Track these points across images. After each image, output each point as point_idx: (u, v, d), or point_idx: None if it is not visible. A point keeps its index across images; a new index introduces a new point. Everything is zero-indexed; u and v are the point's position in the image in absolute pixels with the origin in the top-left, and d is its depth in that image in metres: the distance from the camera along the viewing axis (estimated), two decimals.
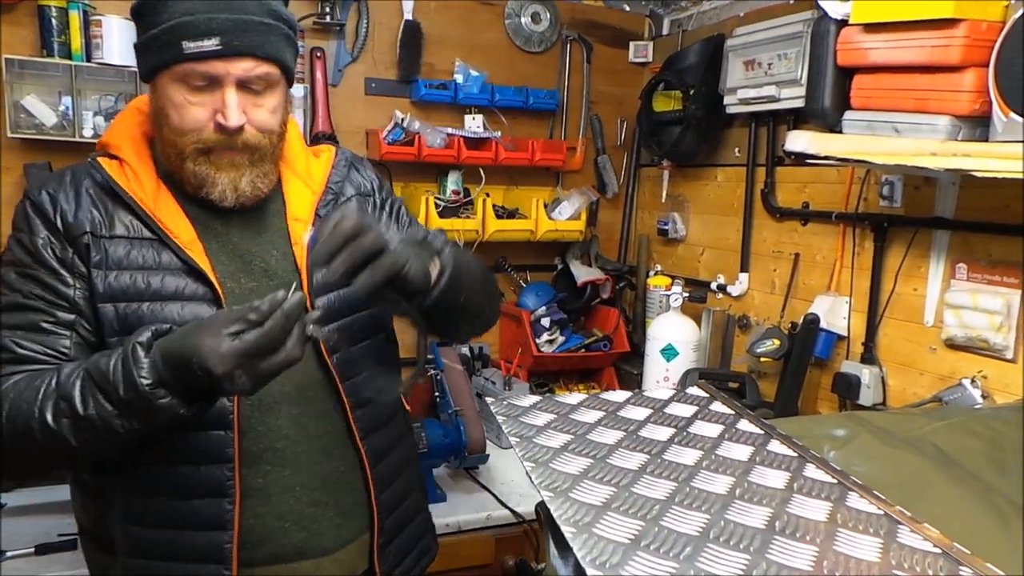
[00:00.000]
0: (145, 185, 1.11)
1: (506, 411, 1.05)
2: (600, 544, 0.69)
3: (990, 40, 1.40)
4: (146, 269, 1.09)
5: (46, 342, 1.05)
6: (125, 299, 1.08)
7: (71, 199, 1.09)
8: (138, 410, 0.94)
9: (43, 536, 1.68)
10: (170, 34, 1.02)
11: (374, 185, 1.35)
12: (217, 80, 1.05)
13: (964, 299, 1.71)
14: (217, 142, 1.08)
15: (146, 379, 0.92)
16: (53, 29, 2.07)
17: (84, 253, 1.07)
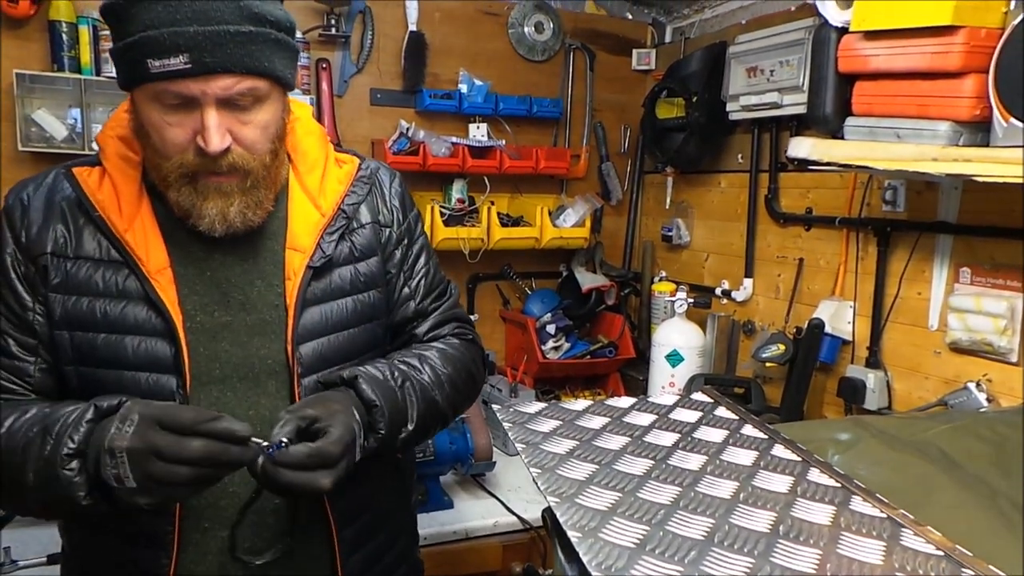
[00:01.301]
0: (124, 199, 1.00)
1: (512, 418, 1.06)
2: (606, 549, 0.71)
3: (990, 46, 1.41)
4: (107, 296, 0.98)
5: (12, 367, 0.99)
6: (81, 327, 0.98)
7: (40, 212, 0.99)
8: (48, 470, 0.86)
9: (55, 546, 1.67)
10: (134, 50, 0.89)
11: (396, 217, 1.18)
12: (193, 100, 0.92)
13: (968, 303, 1.72)
14: (200, 166, 0.95)
15: (72, 445, 0.85)
16: (63, 44, 2.10)
17: (41, 272, 0.98)
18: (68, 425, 0.86)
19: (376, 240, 1.15)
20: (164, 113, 0.93)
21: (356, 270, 1.11)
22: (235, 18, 0.90)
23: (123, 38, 0.91)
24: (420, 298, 1.20)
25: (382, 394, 1.01)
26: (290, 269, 1.05)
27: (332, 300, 1.08)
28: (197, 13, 0.88)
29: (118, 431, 0.81)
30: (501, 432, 2.14)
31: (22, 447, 0.88)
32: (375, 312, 1.14)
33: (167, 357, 0.99)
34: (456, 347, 1.20)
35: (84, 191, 1.00)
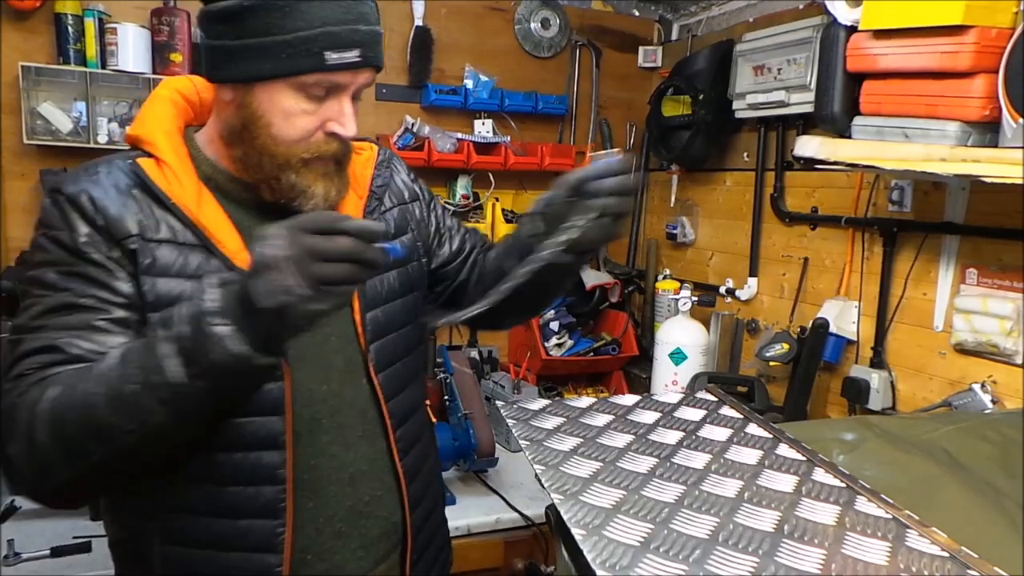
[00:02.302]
0: (186, 187, 1.03)
1: (516, 415, 1.06)
2: (610, 547, 0.70)
3: (1000, 46, 1.40)
4: (195, 277, 0.99)
5: (101, 341, 0.94)
6: (171, 307, 0.96)
7: (112, 198, 1.00)
8: (193, 344, 0.82)
9: (58, 538, 1.69)
10: (311, 43, 0.94)
11: (418, 189, 1.31)
12: (339, 90, 0.99)
13: (974, 304, 1.71)
14: (324, 152, 1.02)
15: (212, 303, 0.82)
16: (69, 37, 2.10)
17: (131, 256, 0.98)
18: (192, 302, 0.84)
19: (404, 218, 1.24)
20: (303, 102, 0.98)
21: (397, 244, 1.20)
22: (376, 20, 1.00)
23: (288, 32, 0.94)
24: (464, 240, 1.34)
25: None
26: None
27: (381, 273, 1.15)
28: (361, 15, 0.97)
29: (272, 246, 0.80)
30: (504, 428, 2.14)
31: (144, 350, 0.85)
32: (414, 283, 1.22)
33: None
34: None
35: (151, 181, 1.01)
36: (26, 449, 0.89)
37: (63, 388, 0.88)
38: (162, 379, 0.83)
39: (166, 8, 2.19)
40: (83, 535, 1.72)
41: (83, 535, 1.72)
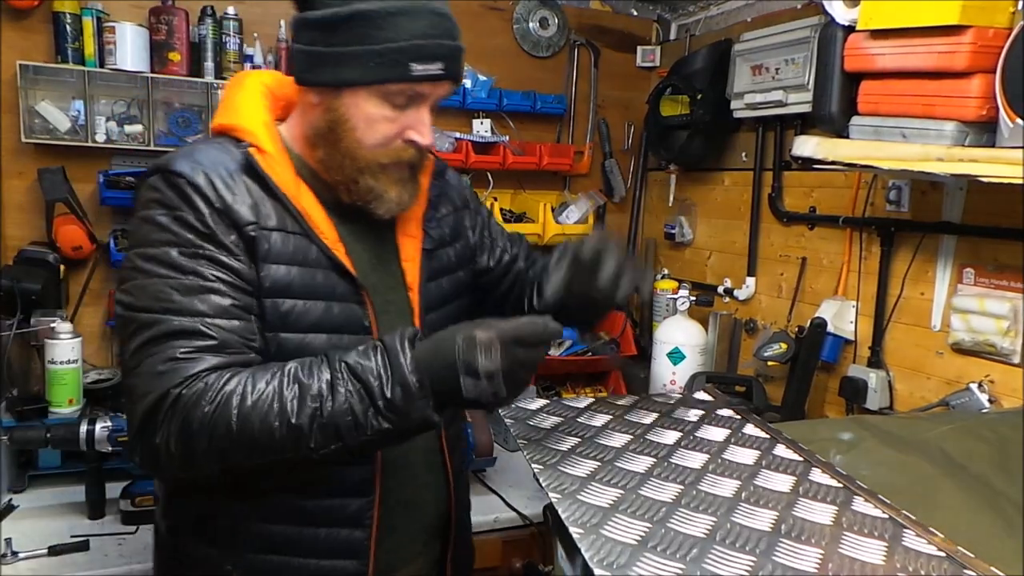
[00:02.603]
0: (286, 176, 1.07)
1: (514, 414, 1.06)
2: (608, 545, 0.71)
3: (997, 46, 1.40)
4: (305, 264, 1.06)
5: (239, 328, 0.99)
6: (285, 295, 1.04)
7: (228, 183, 1.03)
8: (397, 409, 0.91)
9: (56, 537, 1.69)
10: (400, 54, 0.99)
11: (468, 196, 1.37)
12: (420, 99, 1.05)
13: (971, 304, 1.71)
14: (402, 158, 1.08)
15: (416, 377, 0.91)
16: (67, 35, 2.10)
17: (250, 243, 1.02)
18: (386, 364, 0.92)
19: (458, 225, 1.30)
20: (387, 109, 1.03)
21: (448, 254, 1.26)
22: (458, 36, 1.06)
23: (379, 42, 0.99)
24: (511, 248, 1.38)
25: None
26: (405, 253, 1.18)
27: (439, 279, 1.23)
28: (447, 30, 1.03)
29: (488, 359, 0.88)
30: (502, 428, 2.14)
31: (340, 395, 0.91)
32: (465, 289, 1.29)
33: (360, 318, 1.09)
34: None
35: (260, 169, 1.05)
36: (185, 448, 0.93)
37: (238, 409, 0.91)
38: (360, 432, 0.92)
39: (164, 7, 2.19)
40: (81, 534, 1.72)
41: (81, 534, 1.72)
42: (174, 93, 2.23)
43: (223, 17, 2.25)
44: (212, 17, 2.23)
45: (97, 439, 1.77)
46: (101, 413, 1.89)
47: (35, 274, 2.02)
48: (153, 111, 2.18)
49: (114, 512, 1.84)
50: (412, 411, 0.91)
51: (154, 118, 2.19)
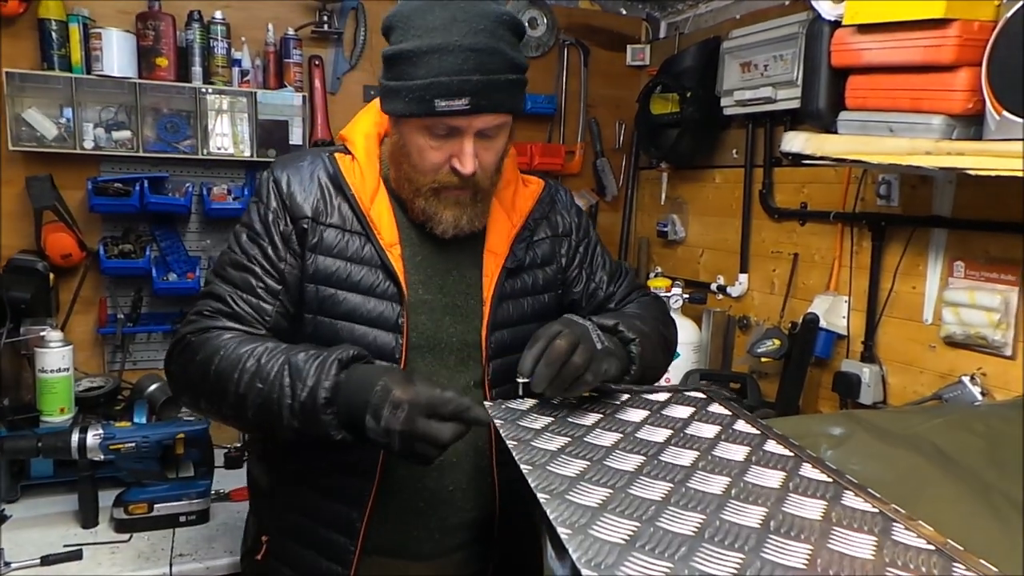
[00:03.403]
0: (367, 182, 1.22)
1: (504, 415, 1.06)
2: (596, 545, 0.70)
3: (982, 39, 1.41)
4: (350, 260, 1.19)
5: (255, 305, 1.18)
6: (327, 283, 1.18)
7: (303, 183, 1.21)
8: (304, 415, 1.03)
9: (48, 547, 1.69)
10: (425, 91, 1.07)
11: (573, 225, 1.39)
12: (459, 131, 1.11)
13: (962, 297, 1.72)
14: (450, 183, 1.15)
15: (325, 393, 1.01)
16: (53, 42, 2.09)
17: (301, 234, 1.19)
18: (316, 373, 1.02)
19: (554, 251, 1.35)
20: (429, 139, 1.12)
21: (536, 275, 1.31)
22: (503, 68, 1.09)
23: (412, 78, 1.08)
24: (607, 285, 1.41)
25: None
26: (488, 269, 1.25)
27: (517, 298, 1.28)
28: (479, 64, 1.07)
29: (392, 415, 0.96)
30: None
31: (276, 384, 1.05)
32: (548, 312, 1.31)
33: (393, 318, 1.18)
34: (645, 303, 1.42)
35: (341, 171, 1.22)
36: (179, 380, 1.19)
37: (216, 365, 1.10)
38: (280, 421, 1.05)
39: (151, 12, 2.18)
40: (74, 543, 1.71)
41: (74, 543, 1.71)
42: (162, 98, 2.22)
43: (210, 22, 2.24)
44: (199, 22, 2.23)
45: (89, 448, 1.76)
46: (93, 421, 1.89)
47: (24, 282, 2.01)
48: (141, 117, 2.18)
49: (107, 521, 1.83)
50: (315, 422, 1.02)
51: (142, 124, 2.18)
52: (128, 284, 2.31)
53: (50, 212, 2.12)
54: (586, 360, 1.07)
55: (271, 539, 1.30)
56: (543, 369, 1.04)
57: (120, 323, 2.25)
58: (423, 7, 1.09)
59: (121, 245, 2.22)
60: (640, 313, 1.33)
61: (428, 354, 1.22)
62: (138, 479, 1.84)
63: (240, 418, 1.10)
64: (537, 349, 1.06)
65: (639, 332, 1.20)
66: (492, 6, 1.11)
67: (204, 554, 1.75)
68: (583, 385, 1.07)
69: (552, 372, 1.04)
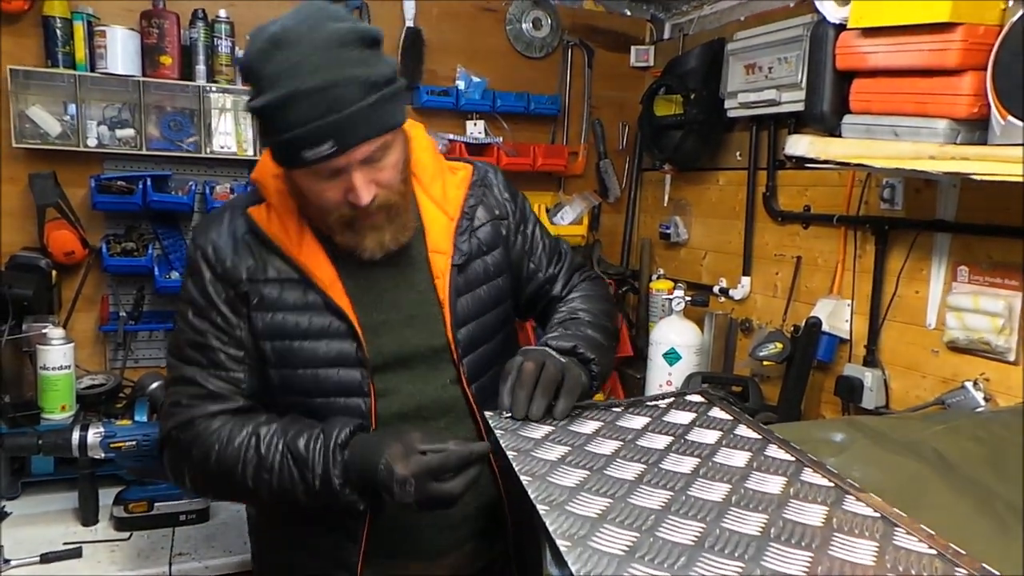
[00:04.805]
0: (289, 227, 1.19)
1: (504, 425, 1.06)
2: (595, 557, 0.70)
3: (988, 43, 1.40)
4: (296, 309, 1.17)
5: (227, 377, 1.18)
6: (280, 337, 1.18)
7: (230, 247, 1.19)
8: (324, 496, 1.09)
9: (48, 544, 1.69)
10: (289, 145, 1.05)
11: (509, 209, 1.37)
12: (342, 170, 1.08)
13: (966, 301, 1.71)
14: (355, 215, 1.12)
15: (338, 479, 1.07)
16: (58, 39, 2.09)
17: (243, 297, 1.18)
18: (322, 461, 1.08)
19: (496, 234, 1.33)
20: (319, 182, 1.09)
21: (485, 262, 1.30)
22: (361, 94, 1.03)
23: (276, 135, 1.06)
24: (546, 267, 1.42)
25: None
26: (437, 269, 1.24)
27: (473, 290, 1.27)
28: (333, 103, 1.01)
29: (403, 492, 1.01)
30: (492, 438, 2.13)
31: (285, 476, 1.11)
32: (504, 295, 1.34)
33: (351, 354, 1.18)
34: (589, 295, 1.41)
35: (260, 226, 1.19)
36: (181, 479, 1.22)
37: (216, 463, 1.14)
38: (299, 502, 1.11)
39: (156, 10, 2.18)
40: (73, 541, 1.71)
41: (73, 541, 1.71)
42: (166, 97, 2.22)
43: (215, 20, 2.24)
44: (203, 20, 2.22)
45: (90, 445, 1.76)
46: (94, 419, 1.89)
47: (27, 280, 2.01)
48: (145, 115, 2.18)
49: (107, 519, 1.84)
50: (337, 501, 1.08)
51: (146, 122, 2.18)
52: (130, 282, 2.31)
53: (53, 209, 2.12)
54: (559, 369, 1.10)
55: (271, 547, 1.32)
56: (518, 392, 1.08)
57: (122, 321, 2.26)
58: (264, 53, 1.03)
59: (124, 243, 2.22)
60: (589, 319, 1.32)
61: (399, 371, 1.22)
62: (138, 477, 1.84)
63: (254, 503, 1.19)
64: (509, 381, 1.10)
65: (595, 347, 1.22)
66: (331, 28, 1.03)
67: (204, 553, 1.75)
68: (571, 397, 1.10)
69: (528, 391, 1.07)
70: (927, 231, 1.83)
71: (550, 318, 1.38)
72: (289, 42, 1.01)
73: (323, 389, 1.17)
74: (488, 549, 1.31)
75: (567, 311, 1.36)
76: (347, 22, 1.06)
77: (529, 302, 1.44)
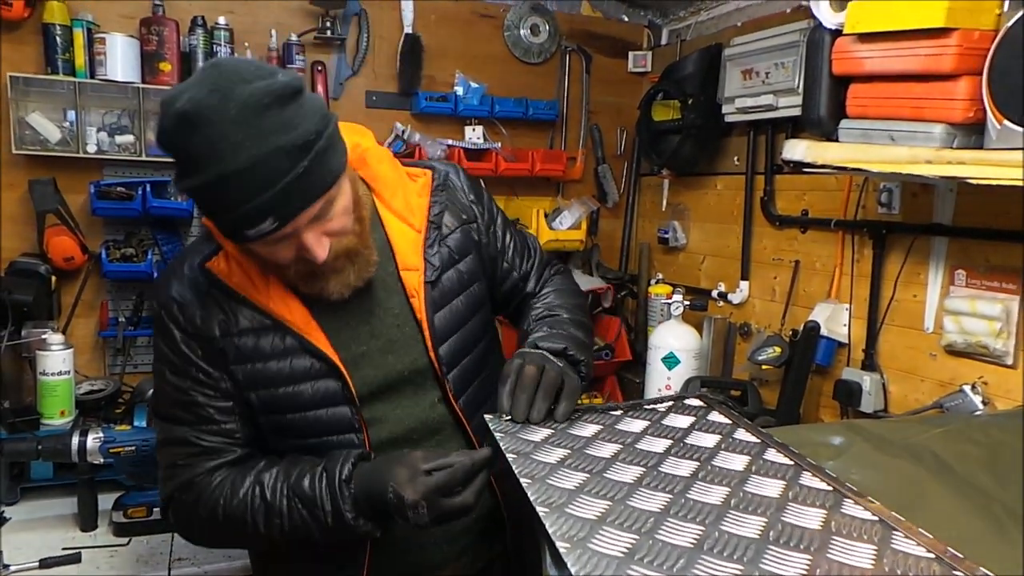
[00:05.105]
0: (253, 275, 1.13)
1: (504, 428, 1.06)
2: (594, 559, 0.70)
3: (983, 48, 1.41)
4: (275, 356, 1.13)
5: (219, 431, 1.15)
6: (263, 386, 1.14)
7: (196, 303, 1.13)
8: (339, 531, 1.08)
9: (47, 550, 1.69)
10: (231, 225, 1.01)
11: (476, 211, 1.32)
12: (289, 234, 1.02)
13: (963, 305, 1.71)
14: (313, 268, 1.08)
15: (350, 513, 1.06)
16: (57, 46, 2.10)
17: (219, 353, 1.13)
18: (330, 499, 1.07)
19: (466, 239, 1.28)
20: (268, 247, 1.05)
21: (459, 271, 1.26)
22: (291, 163, 0.96)
23: (212, 216, 1.04)
24: (518, 266, 1.38)
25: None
26: (410, 288, 1.20)
27: (449, 302, 1.23)
28: (264, 180, 0.95)
29: (416, 515, 1.01)
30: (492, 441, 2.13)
31: (296, 517, 1.10)
32: (481, 300, 1.30)
33: (337, 391, 1.15)
34: (562, 289, 1.40)
35: (222, 280, 1.13)
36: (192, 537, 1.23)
37: (223, 518, 1.12)
38: (315, 539, 1.11)
39: (155, 18, 2.19)
40: (72, 546, 1.71)
41: (72, 546, 1.71)
42: None
43: (214, 27, 2.25)
44: (203, 27, 2.23)
45: (89, 451, 1.76)
46: (93, 424, 1.89)
47: (26, 285, 2.02)
48: (144, 121, 2.18)
49: (106, 524, 1.83)
50: (353, 534, 1.08)
51: (145, 128, 2.19)
52: (130, 288, 2.31)
53: (53, 215, 2.12)
54: (559, 373, 1.10)
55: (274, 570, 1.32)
56: (519, 395, 1.07)
57: (121, 326, 2.26)
58: (178, 133, 0.96)
59: (123, 249, 2.23)
60: (568, 316, 1.30)
61: (386, 398, 1.19)
62: (138, 483, 1.84)
63: (268, 546, 1.17)
64: (509, 384, 1.08)
65: (581, 346, 1.21)
66: (244, 94, 0.93)
67: (203, 559, 1.75)
68: (572, 400, 1.10)
69: (529, 395, 1.07)
70: (924, 235, 1.84)
71: (524, 315, 1.35)
72: (203, 120, 0.93)
73: (315, 430, 1.15)
74: (487, 550, 1.31)
75: (544, 308, 1.33)
76: (259, 80, 0.95)
77: (503, 300, 1.40)
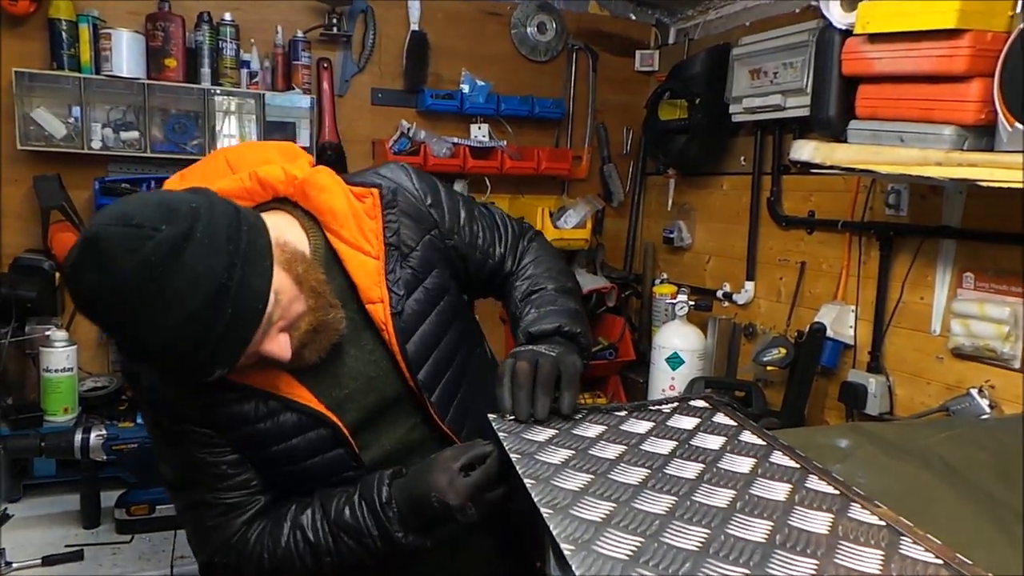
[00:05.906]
0: None
1: (508, 428, 1.05)
2: (599, 561, 0.69)
3: (995, 50, 1.40)
4: (261, 419, 1.10)
5: (237, 484, 1.13)
6: (255, 448, 1.12)
7: (169, 391, 1.09)
8: (390, 552, 1.08)
9: (50, 547, 1.69)
10: (186, 384, 1.05)
11: (434, 215, 1.23)
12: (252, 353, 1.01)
13: (971, 308, 1.70)
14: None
15: (399, 532, 1.06)
16: (63, 42, 2.10)
17: (207, 420, 1.10)
18: (375, 525, 1.08)
19: (430, 250, 1.21)
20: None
21: (425, 289, 1.19)
22: (220, 317, 0.92)
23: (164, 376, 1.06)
24: (493, 253, 1.31)
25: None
26: (379, 321, 1.15)
27: (419, 327, 1.18)
28: (194, 344, 0.92)
29: (466, 516, 1.02)
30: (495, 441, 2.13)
31: (344, 549, 1.10)
32: (453, 310, 1.24)
33: (330, 437, 1.13)
34: (535, 251, 1.35)
35: None
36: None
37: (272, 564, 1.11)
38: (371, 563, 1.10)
39: (160, 13, 2.19)
40: (75, 543, 1.71)
41: (75, 543, 1.71)
42: (171, 99, 2.23)
43: (220, 23, 2.25)
44: (208, 23, 2.23)
45: (92, 448, 1.76)
46: (96, 421, 1.89)
47: (30, 282, 2.02)
48: (150, 117, 2.18)
49: (109, 521, 1.83)
50: (405, 550, 1.07)
51: (150, 124, 2.19)
52: None
53: (57, 212, 2.12)
54: (553, 364, 1.06)
55: None
56: (517, 392, 1.04)
57: None
58: (91, 315, 0.92)
59: None
60: (554, 287, 1.26)
61: (373, 427, 1.18)
62: (140, 480, 1.84)
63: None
64: (506, 382, 1.06)
65: (573, 316, 1.19)
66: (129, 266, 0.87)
67: None
68: (574, 389, 1.07)
69: (527, 391, 1.04)
70: (932, 237, 1.83)
71: (510, 296, 1.29)
72: (103, 306, 0.91)
73: (314, 476, 1.14)
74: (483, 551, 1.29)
75: (528, 283, 1.29)
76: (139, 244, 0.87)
77: (486, 285, 1.35)
